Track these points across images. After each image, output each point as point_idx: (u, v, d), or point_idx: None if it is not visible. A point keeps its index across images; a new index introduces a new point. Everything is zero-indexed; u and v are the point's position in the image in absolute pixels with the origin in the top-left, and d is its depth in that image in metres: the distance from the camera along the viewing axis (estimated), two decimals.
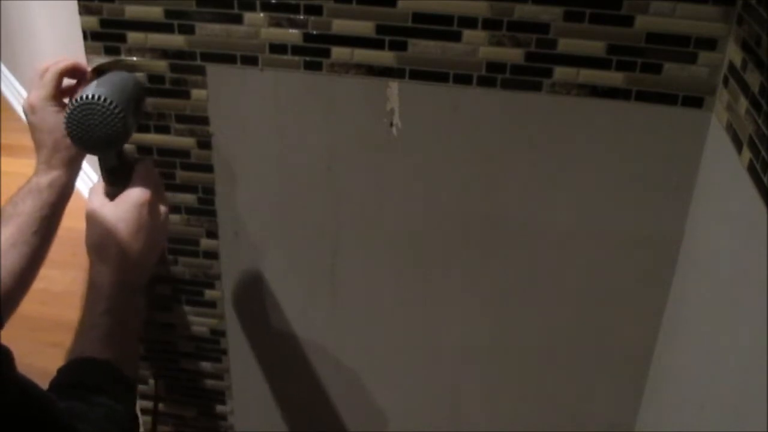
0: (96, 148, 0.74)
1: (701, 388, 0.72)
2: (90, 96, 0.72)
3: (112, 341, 0.71)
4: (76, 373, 0.68)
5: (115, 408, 0.67)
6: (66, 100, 0.84)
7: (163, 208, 0.80)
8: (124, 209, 0.76)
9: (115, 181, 0.78)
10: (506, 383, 0.97)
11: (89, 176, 2.57)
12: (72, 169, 0.85)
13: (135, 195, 0.77)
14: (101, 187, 0.79)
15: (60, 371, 0.68)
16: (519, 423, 0.99)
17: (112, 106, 0.72)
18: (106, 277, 0.74)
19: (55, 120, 0.81)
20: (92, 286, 0.74)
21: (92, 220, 0.77)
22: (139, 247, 0.76)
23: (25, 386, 0.52)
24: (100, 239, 0.76)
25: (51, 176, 0.83)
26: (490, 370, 0.97)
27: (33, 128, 0.83)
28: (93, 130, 0.72)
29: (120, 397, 0.68)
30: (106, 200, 0.78)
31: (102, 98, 0.72)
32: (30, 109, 0.83)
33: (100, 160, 0.77)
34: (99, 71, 0.84)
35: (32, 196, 0.83)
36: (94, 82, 0.76)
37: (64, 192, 0.84)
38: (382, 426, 1.05)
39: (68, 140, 0.80)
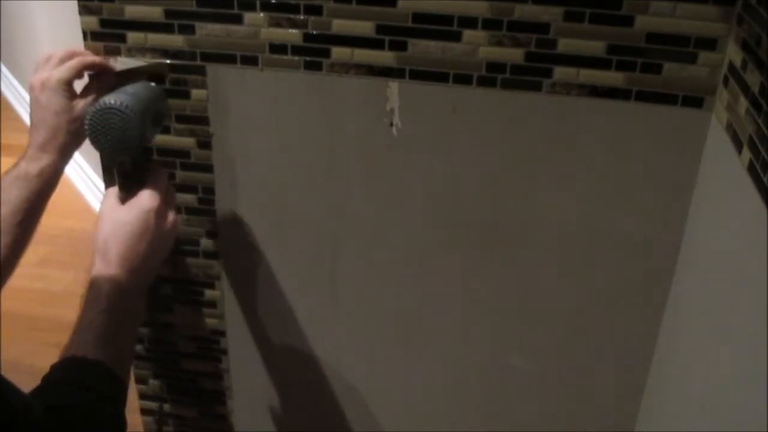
0: (112, 152, 0.77)
1: (701, 388, 0.72)
2: (112, 102, 0.75)
3: (106, 342, 0.71)
4: (67, 371, 0.68)
5: (101, 409, 0.66)
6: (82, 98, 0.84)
7: (171, 216, 0.81)
8: (131, 213, 0.78)
9: (128, 186, 0.80)
10: (506, 383, 0.97)
11: (86, 172, 2.57)
12: (64, 157, 0.84)
13: (144, 200, 0.78)
14: (115, 190, 0.81)
15: (53, 368, 0.68)
16: (519, 423, 0.99)
17: (131, 114, 0.75)
18: (106, 278, 0.75)
19: (63, 104, 0.81)
20: (92, 285, 0.75)
21: (101, 221, 0.79)
22: (141, 251, 0.77)
23: (3, 391, 0.51)
24: (104, 240, 0.77)
25: (41, 164, 0.82)
26: (489, 370, 0.97)
27: (38, 106, 0.82)
28: (110, 134, 0.75)
29: (108, 399, 0.68)
30: (117, 203, 0.79)
31: (122, 105, 0.75)
32: (41, 86, 0.81)
33: (115, 163, 0.79)
34: (124, 75, 0.86)
35: (19, 184, 0.81)
36: (119, 89, 0.79)
37: (51, 181, 0.83)
38: (382, 426, 1.05)
39: (70, 127, 0.82)
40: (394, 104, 0.83)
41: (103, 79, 0.85)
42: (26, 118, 3.17)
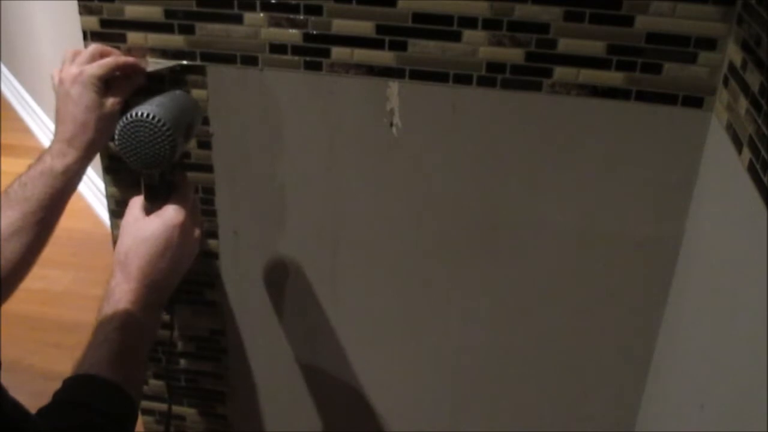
0: (142, 164, 0.75)
1: (701, 388, 0.72)
2: (144, 114, 0.73)
3: (119, 360, 0.69)
4: (78, 390, 0.66)
5: (109, 430, 0.65)
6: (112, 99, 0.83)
7: (196, 233, 0.79)
8: (155, 227, 0.76)
9: (153, 197, 0.78)
10: (506, 383, 0.97)
11: (92, 180, 2.57)
12: (89, 155, 0.82)
13: (169, 215, 0.77)
14: (140, 200, 0.79)
15: (65, 383, 0.67)
16: (519, 423, 0.99)
17: (163, 127, 0.74)
18: (124, 292, 0.74)
19: (95, 100, 0.80)
20: (109, 299, 0.74)
21: (123, 232, 0.77)
22: (162, 267, 0.76)
23: (7, 413, 0.50)
24: (125, 252, 0.75)
25: (67, 161, 0.80)
26: (490, 370, 0.97)
27: (68, 100, 0.80)
28: (141, 147, 0.74)
29: (118, 420, 0.66)
30: (141, 214, 0.78)
31: (154, 118, 0.73)
32: (72, 79, 0.80)
33: (142, 175, 0.78)
34: (152, 77, 0.85)
35: (44, 180, 0.79)
36: (151, 100, 0.77)
37: (75, 180, 0.82)
38: (382, 426, 1.05)
39: (99, 123, 0.80)
40: (394, 104, 0.83)
41: (133, 80, 0.84)
42: (26, 119, 3.18)
